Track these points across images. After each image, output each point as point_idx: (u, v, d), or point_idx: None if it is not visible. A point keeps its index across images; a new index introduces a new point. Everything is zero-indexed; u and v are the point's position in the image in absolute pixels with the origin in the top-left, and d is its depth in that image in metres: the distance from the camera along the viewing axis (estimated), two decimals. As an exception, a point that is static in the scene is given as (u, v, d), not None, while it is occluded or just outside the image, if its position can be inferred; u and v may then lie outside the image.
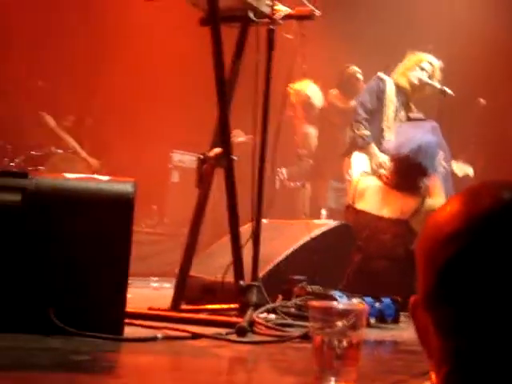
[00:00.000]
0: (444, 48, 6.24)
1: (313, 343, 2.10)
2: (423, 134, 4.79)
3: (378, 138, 5.64)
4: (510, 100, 7.32)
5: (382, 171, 5.08)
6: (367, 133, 5.65)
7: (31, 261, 2.91)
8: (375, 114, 5.74)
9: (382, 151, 5.44)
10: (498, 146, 7.36)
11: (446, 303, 0.89)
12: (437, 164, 4.77)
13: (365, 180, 4.91)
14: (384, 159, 5.29)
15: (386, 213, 4.64)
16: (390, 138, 5.22)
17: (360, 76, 7.05)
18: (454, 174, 5.62)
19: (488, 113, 7.11)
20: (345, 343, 2.09)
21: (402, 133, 5.02)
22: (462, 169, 5.70)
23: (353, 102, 6.79)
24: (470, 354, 0.87)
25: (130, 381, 2.41)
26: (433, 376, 0.92)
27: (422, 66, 5.74)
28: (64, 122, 7.50)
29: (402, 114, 5.82)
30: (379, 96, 5.75)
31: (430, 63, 5.74)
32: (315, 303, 2.18)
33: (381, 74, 5.84)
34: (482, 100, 7.05)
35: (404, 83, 5.79)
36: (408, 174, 4.69)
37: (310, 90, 7.07)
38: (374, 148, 5.61)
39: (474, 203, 0.91)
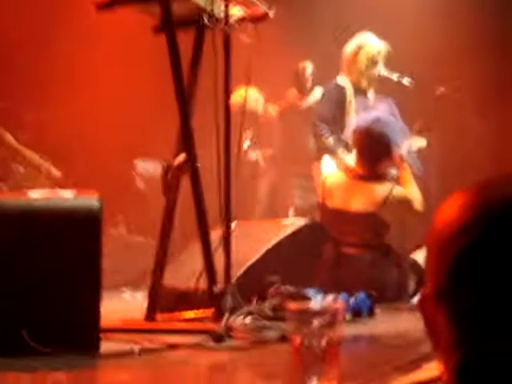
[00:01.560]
0: (394, 28, 6.26)
1: (292, 345, 2.10)
2: (381, 110, 4.83)
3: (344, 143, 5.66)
4: (468, 84, 7.37)
5: (349, 164, 5.08)
6: (331, 142, 5.65)
7: (1, 282, 2.87)
8: (337, 120, 5.75)
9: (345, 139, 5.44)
10: (455, 134, 7.43)
11: (459, 294, 0.90)
12: (398, 137, 4.77)
13: (331, 177, 4.92)
14: (349, 161, 5.30)
15: (354, 207, 4.65)
16: None
17: (308, 69, 7.06)
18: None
19: (446, 99, 7.16)
20: (324, 342, 2.09)
21: (360, 115, 5.09)
22: (415, 142, 5.74)
23: (310, 99, 6.86)
24: (483, 342, 0.88)
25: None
26: (439, 366, 0.94)
27: (375, 60, 5.74)
28: (23, 136, 7.41)
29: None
30: (339, 105, 5.74)
31: (379, 52, 5.75)
32: (291, 305, 2.18)
33: (339, 81, 5.80)
34: (441, 88, 7.09)
35: (365, 84, 5.81)
36: (371, 149, 4.68)
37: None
38: (340, 153, 5.64)
39: (485, 196, 0.93)
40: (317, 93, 6.93)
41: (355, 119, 5.01)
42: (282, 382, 2.49)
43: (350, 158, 5.25)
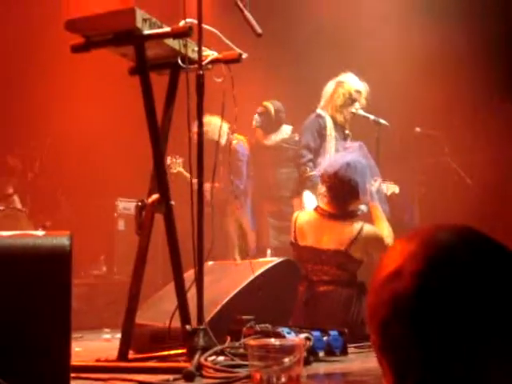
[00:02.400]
0: (371, 72, 6.36)
1: (252, 381, 2.13)
2: (351, 153, 4.89)
3: None
4: (446, 125, 7.46)
5: (319, 203, 5.14)
6: (314, 173, 5.72)
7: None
8: (318, 151, 5.85)
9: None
10: (436, 174, 7.50)
11: (393, 340, 0.95)
12: (368, 181, 4.83)
13: (303, 216, 4.96)
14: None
15: (325, 245, 4.69)
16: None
17: (270, 110, 7.10)
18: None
19: (424, 140, 7.25)
20: (283, 378, 2.12)
21: (331, 156, 5.16)
22: (389, 188, 5.89)
23: (273, 137, 6.95)
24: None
25: None
26: None
27: (353, 98, 5.87)
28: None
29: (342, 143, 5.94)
30: (320, 133, 5.87)
31: (358, 91, 5.88)
32: (251, 342, 2.21)
33: (319, 111, 5.96)
34: (417, 128, 7.18)
35: (341, 119, 5.94)
36: (340, 192, 4.73)
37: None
38: (320, 189, 5.68)
39: (428, 247, 0.98)
40: (284, 131, 7.04)
41: (325, 162, 5.07)
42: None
43: None
